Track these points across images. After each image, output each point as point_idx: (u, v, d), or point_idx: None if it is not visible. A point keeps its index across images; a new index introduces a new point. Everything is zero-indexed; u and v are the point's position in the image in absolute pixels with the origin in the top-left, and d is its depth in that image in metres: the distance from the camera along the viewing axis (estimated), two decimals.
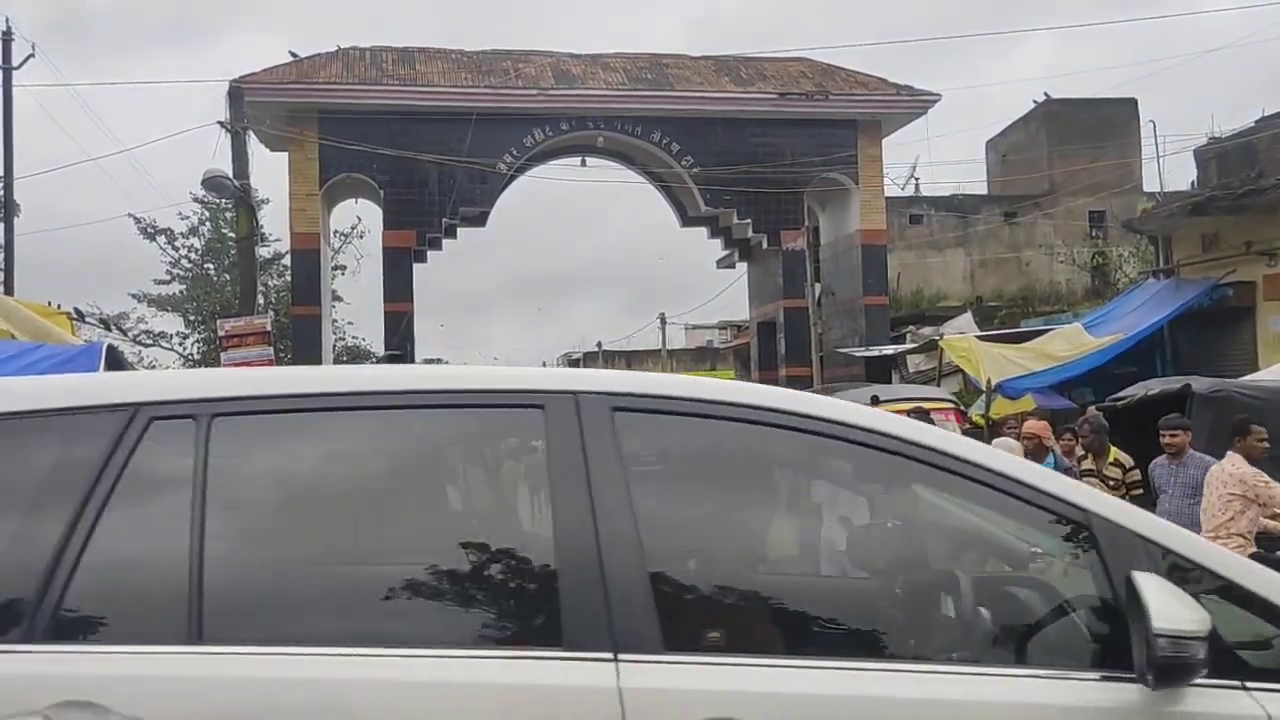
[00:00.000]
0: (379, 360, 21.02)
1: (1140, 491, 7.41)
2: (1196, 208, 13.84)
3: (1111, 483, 7.39)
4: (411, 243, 21.65)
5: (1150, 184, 24.90)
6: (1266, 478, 6.18)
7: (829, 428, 2.22)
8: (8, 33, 21.40)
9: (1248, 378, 9.93)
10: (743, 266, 28.11)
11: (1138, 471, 7.42)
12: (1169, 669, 1.86)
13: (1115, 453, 7.51)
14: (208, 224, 30.06)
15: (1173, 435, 7.06)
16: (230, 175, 14.73)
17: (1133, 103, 28.72)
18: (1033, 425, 8.15)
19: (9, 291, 18.42)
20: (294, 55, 21.91)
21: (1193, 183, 15.74)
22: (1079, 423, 8.06)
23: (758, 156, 22.51)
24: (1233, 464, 6.32)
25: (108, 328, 21.19)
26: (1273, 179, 12.83)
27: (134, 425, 2.11)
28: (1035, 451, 7.70)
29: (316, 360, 21.16)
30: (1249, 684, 1.98)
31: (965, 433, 11.43)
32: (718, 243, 27.22)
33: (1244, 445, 6.39)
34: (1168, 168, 52.97)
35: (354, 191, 23.13)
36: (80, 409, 2.17)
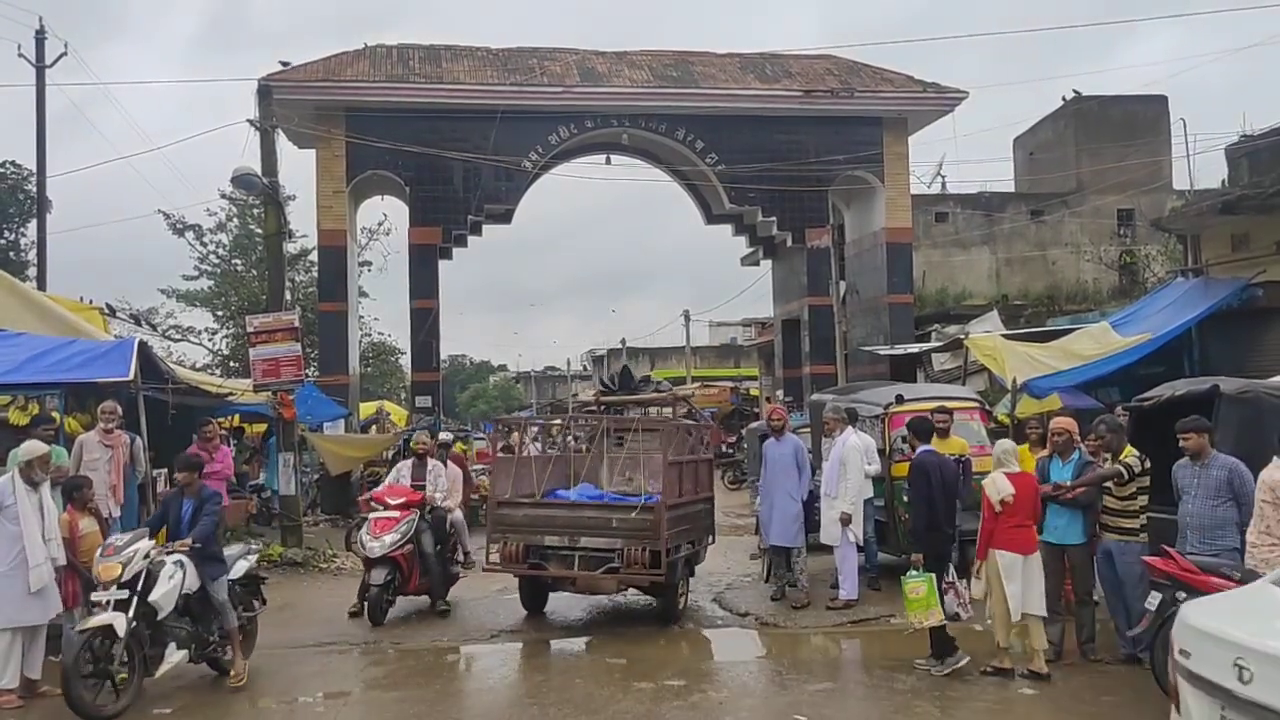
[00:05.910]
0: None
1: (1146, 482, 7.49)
2: (1227, 206, 13.67)
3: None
4: (437, 239, 21.81)
5: (1180, 182, 24.67)
6: None
7: None
8: (41, 31, 21.71)
9: (1277, 379, 9.81)
10: (767, 264, 28.11)
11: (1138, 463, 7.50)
12: None
13: (1130, 451, 7.55)
14: (235, 220, 30.37)
15: (1185, 438, 7.03)
16: (259, 172, 14.84)
17: (1163, 100, 28.41)
18: (1061, 421, 8.21)
19: (42, 287, 18.69)
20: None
21: (1223, 181, 15.56)
22: (1095, 423, 8.07)
23: (783, 154, 22.48)
24: (1270, 469, 6.30)
25: (138, 323, 21.49)
26: None
27: None
28: (1064, 446, 7.86)
29: (344, 356, 21.35)
30: None
31: (991, 432, 11.43)
32: (742, 240, 27.25)
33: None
34: (1198, 166, 52.23)
35: (381, 188, 23.30)
36: None
